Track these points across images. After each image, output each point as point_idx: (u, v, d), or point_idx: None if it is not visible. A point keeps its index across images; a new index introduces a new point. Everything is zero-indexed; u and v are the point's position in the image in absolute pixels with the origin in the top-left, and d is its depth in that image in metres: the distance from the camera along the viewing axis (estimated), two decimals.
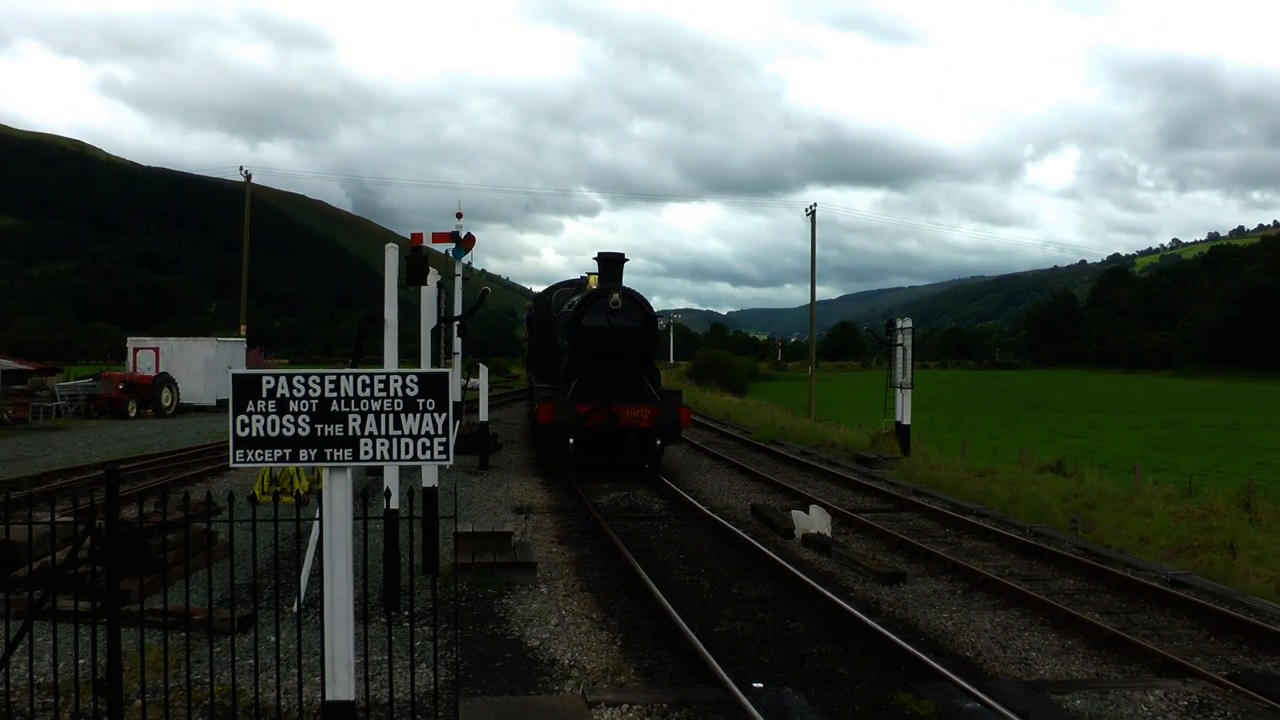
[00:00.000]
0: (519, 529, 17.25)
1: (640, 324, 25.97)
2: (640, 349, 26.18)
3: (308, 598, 11.51)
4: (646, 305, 26.44)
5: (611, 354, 25.73)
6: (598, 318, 25.58)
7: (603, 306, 25.54)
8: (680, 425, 25.95)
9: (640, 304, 26.21)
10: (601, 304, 25.61)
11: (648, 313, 26.32)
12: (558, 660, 10.58)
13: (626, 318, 25.67)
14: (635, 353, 26.06)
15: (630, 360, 25.96)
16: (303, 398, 6.88)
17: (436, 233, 17.49)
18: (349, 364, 11.82)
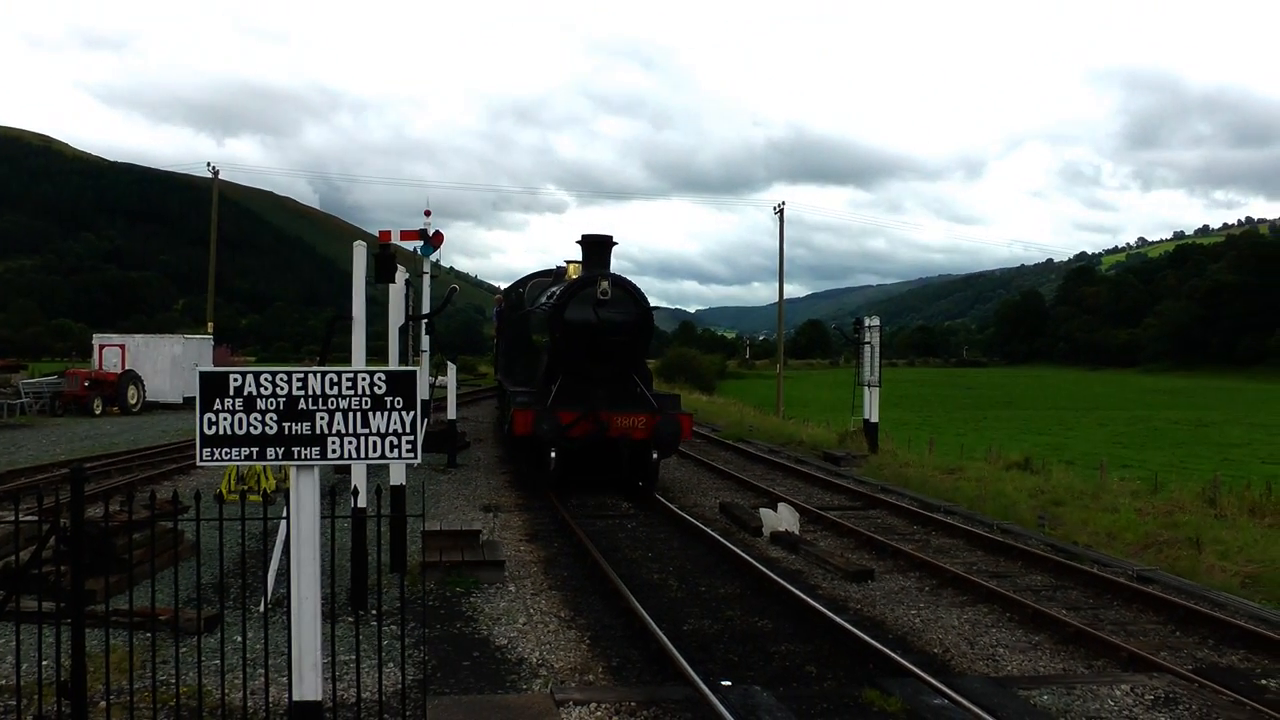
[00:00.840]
0: (487, 527, 17.22)
1: (633, 317, 22.18)
2: (633, 347, 22.35)
3: (275, 597, 11.45)
4: (640, 296, 22.55)
5: (599, 353, 21.93)
6: (583, 310, 21.71)
7: (589, 297, 21.72)
8: (681, 436, 21.94)
9: (633, 294, 22.37)
10: (587, 294, 21.78)
11: (642, 304, 22.45)
12: (526, 659, 10.57)
13: (617, 310, 21.88)
14: (627, 351, 22.24)
15: (621, 360, 22.19)
16: (270, 396, 6.84)
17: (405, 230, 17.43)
18: (317, 362, 11.77)
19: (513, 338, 31.28)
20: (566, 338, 21.88)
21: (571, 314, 21.83)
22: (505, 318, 34.17)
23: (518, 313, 30.50)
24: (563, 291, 22.48)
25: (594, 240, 23.11)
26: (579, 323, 21.75)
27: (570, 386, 21.78)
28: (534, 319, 26.02)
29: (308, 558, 6.76)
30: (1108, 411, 68.70)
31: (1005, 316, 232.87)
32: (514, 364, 30.07)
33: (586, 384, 21.85)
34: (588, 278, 22.18)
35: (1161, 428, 53.83)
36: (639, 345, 22.57)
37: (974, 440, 40.24)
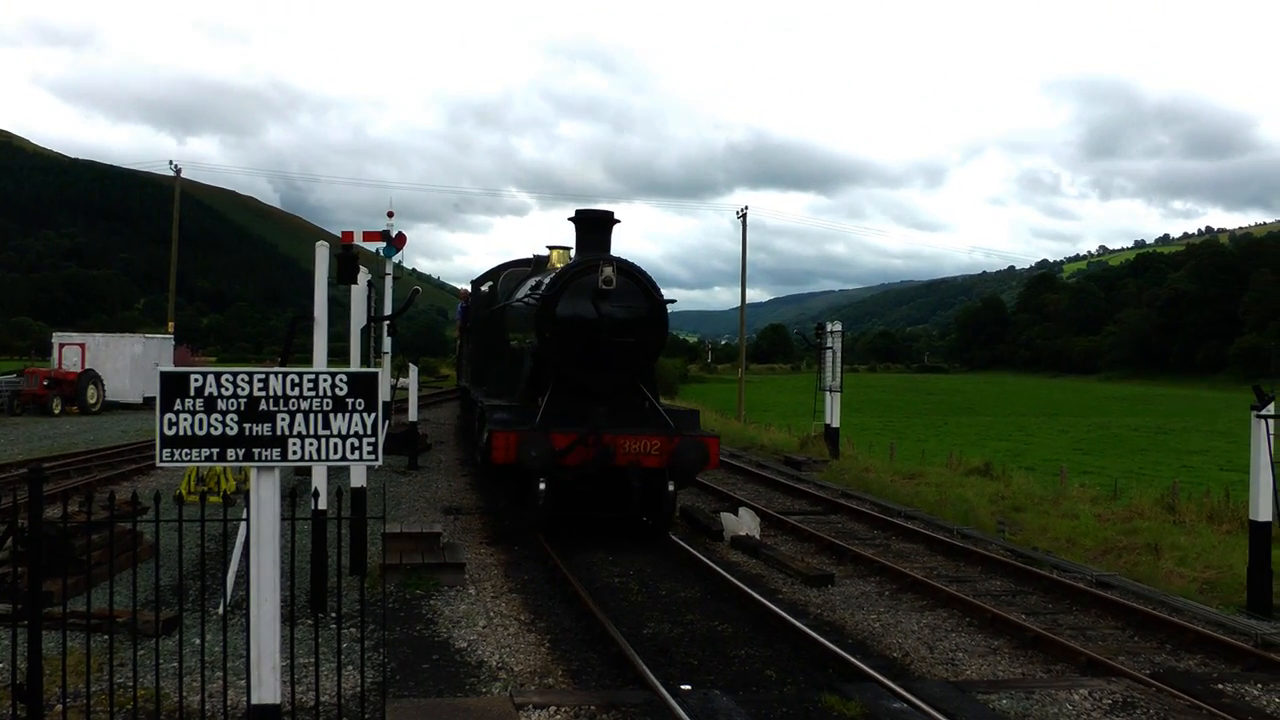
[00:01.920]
0: (448, 530, 17.19)
1: (644, 313, 17.68)
2: (643, 351, 17.86)
3: (234, 599, 11.39)
4: (652, 285, 17.97)
5: (601, 358, 17.51)
6: (580, 304, 17.38)
7: (587, 288, 17.28)
8: (709, 463, 17.29)
9: (643, 283, 17.81)
10: (585, 284, 17.34)
11: (654, 296, 17.90)
12: (486, 662, 10.55)
13: (624, 304, 17.43)
14: (636, 356, 17.75)
15: (628, 367, 17.75)
16: (231, 396, 6.81)
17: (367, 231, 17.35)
18: (278, 362, 11.72)
19: (483, 339, 26.50)
20: (559, 339, 17.48)
21: (565, 309, 17.49)
22: (472, 315, 29.24)
23: (489, 309, 25.84)
24: (553, 280, 17.84)
25: (591, 217, 18.60)
26: (575, 320, 17.44)
27: (563, 400, 17.52)
28: (512, 316, 21.76)
29: (267, 560, 6.73)
30: (1068, 418, 69.17)
31: (967, 323, 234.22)
32: (484, 370, 25.62)
33: (583, 398, 17.46)
34: (585, 263, 17.68)
35: (1121, 434, 54.24)
36: (650, 348, 18.07)
37: (935, 446, 40.43)
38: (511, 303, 21.95)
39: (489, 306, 25.93)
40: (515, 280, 23.77)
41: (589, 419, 16.70)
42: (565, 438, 16.45)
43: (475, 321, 28.39)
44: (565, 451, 16.40)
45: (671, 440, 16.83)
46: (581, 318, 17.39)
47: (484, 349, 26.03)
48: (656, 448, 16.78)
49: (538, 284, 18.81)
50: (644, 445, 16.79)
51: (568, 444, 16.42)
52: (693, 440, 16.99)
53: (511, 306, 21.87)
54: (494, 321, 24.49)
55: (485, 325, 26.02)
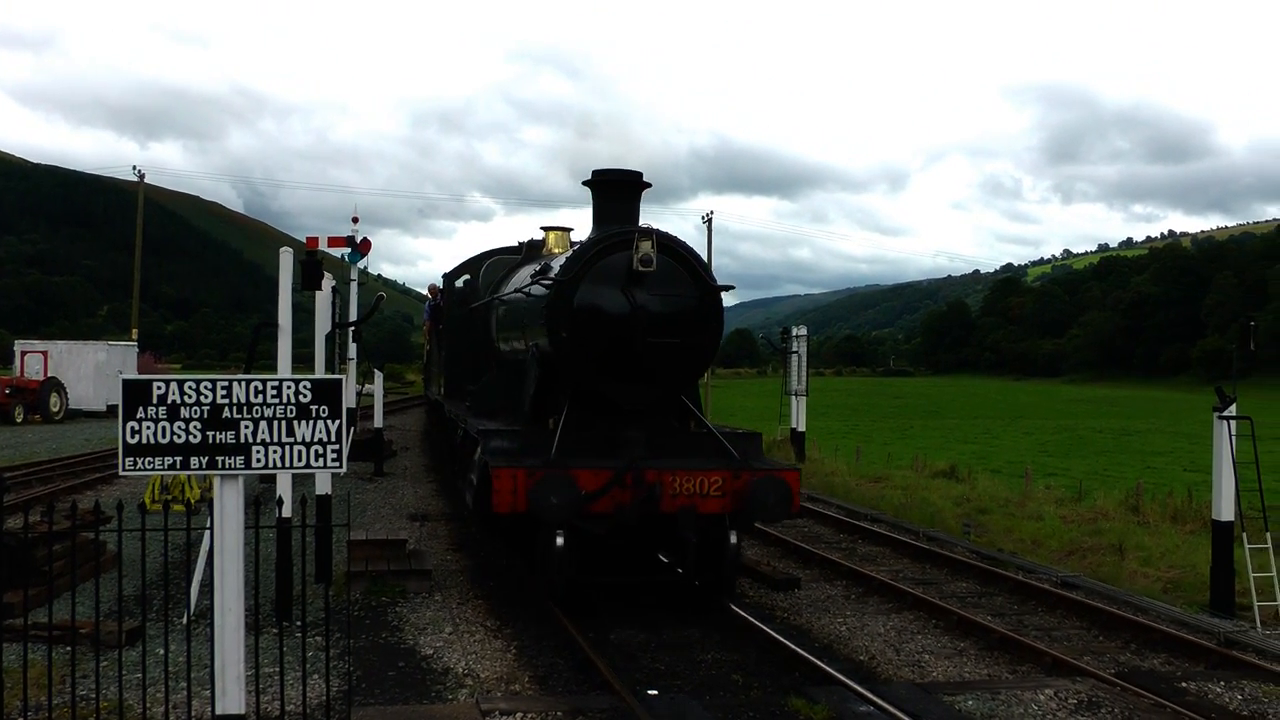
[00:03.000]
0: (414, 536, 17.12)
1: (694, 304, 13.27)
2: (693, 356, 13.42)
3: (198, 609, 11.32)
4: (703, 266, 13.63)
5: (635, 365, 13.03)
6: (607, 293, 12.98)
7: (616, 270, 12.94)
8: (792, 507, 12.60)
9: (692, 263, 13.42)
10: (614, 265, 12.98)
11: (706, 281, 13.46)
12: (451, 668, 10.53)
13: (667, 291, 13.12)
14: (683, 363, 13.35)
15: (672, 378, 13.36)
16: (194, 404, 6.80)
17: (332, 237, 17.31)
18: (243, 369, 11.66)
19: (460, 343, 21.60)
20: (579, 340, 12.95)
21: (587, 298, 12.95)
22: (446, 316, 23.53)
23: (468, 307, 20.91)
24: (570, 262, 13.30)
25: (614, 179, 13.77)
26: (600, 314, 12.95)
27: (583, 422, 13.11)
28: (504, 313, 17.15)
29: (231, 568, 6.70)
30: (1033, 420, 69.52)
31: (932, 327, 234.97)
32: (461, 380, 20.61)
33: (610, 418, 13.17)
34: (613, 237, 13.11)
35: (1086, 436, 54.56)
36: (701, 353, 13.50)
37: (900, 449, 40.56)
38: (502, 296, 17.61)
39: (468, 304, 20.96)
40: (502, 270, 19.44)
41: (620, 447, 12.66)
42: (596, 476, 11.90)
43: (450, 323, 22.46)
44: (597, 495, 11.84)
45: (738, 476, 12.33)
46: (609, 311, 12.93)
47: (462, 355, 21.25)
48: (718, 486, 12.29)
49: (543, 268, 14.32)
50: (701, 483, 12.28)
51: (600, 485, 11.85)
52: (771, 477, 12.36)
53: (502, 301, 17.42)
54: (476, 321, 19.92)
55: (464, 327, 21.02)
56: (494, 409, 15.50)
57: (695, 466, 12.43)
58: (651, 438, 12.94)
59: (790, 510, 12.56)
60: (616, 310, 12.92)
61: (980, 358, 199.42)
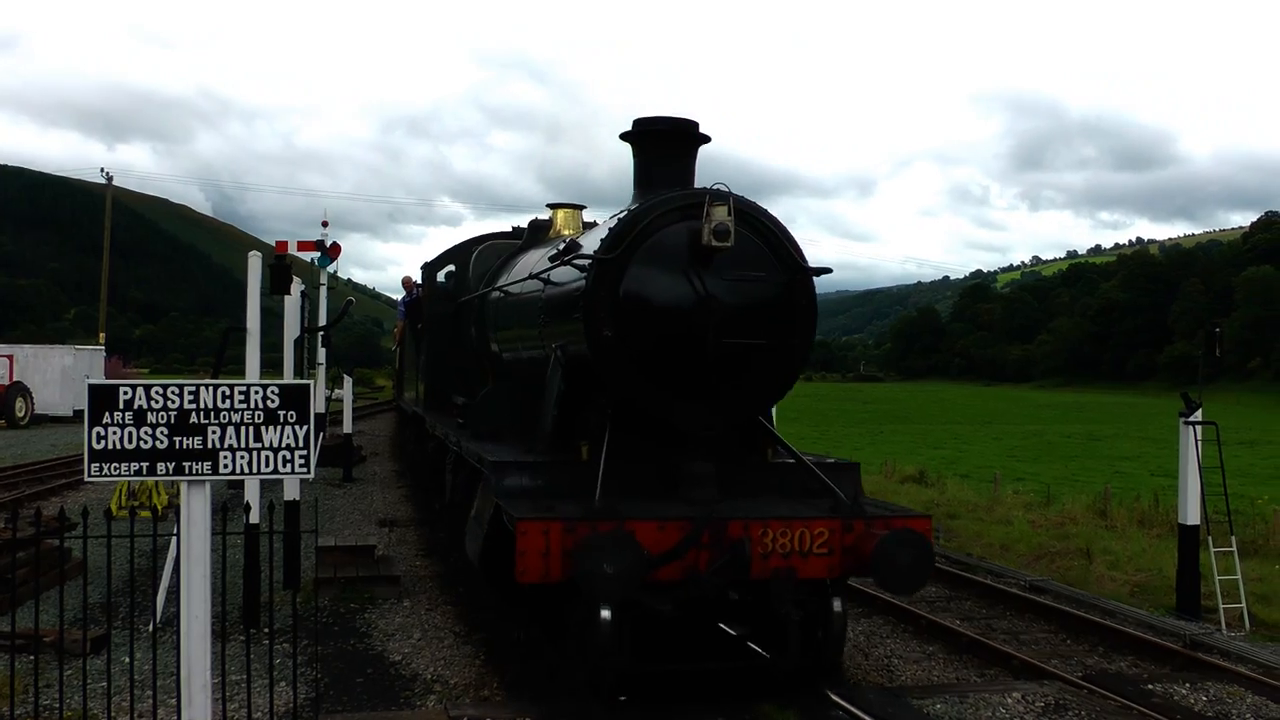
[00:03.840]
0: (383, 542, 17.05)
1: (781, 291, 10.02)
2: (780, 363, 10.10)
3: (164, 616, 11.24)
4: (790, 240, 10.15)
5: (704, 376, 9.73)
6: (664, 277, 9.67)
7: (676, 248, 9.67)
8: (930, 568, 9.38)
9: (774, 235, 10.07)
10: (671, 241, 9.68)
11: (795, 260, 10.09)
12: (420, 674, 10.50)
13: (744, 275, 9.86)
14: (767, 372, 10.07)
15: (752, 393, 10.09)
16: (161, 409, 6.75)
17: (302, 241, 17.31)
18: (211, 374, 11.60)
19: (444, 345, 17.99)
20: (627, 342, 9.53)
21: (640, 284, 9.57)
22: (425, 312, 19.33)
23: (454, 301, 17.70)
24: (615, 235, 9.67)
25: (664, 130, 10.49)
26: (659, 305, 9.62)
27: (632, 451, 9.73)
28: (506, 308, 13.62)
29: (198, 575, 6.65)
30: (1002, 426, 69.87)
31: (902, 332, 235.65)
32: (445, 388, 17.22)
33: (667, 446, 9.81)
34: (674, 200, 9.74)
35: (1055, 441, 54.84)
36: (790, 358, 10.13)
37: (870, 454, 40.67)
38: (503, 287, 13.97)
39: (455, 298, 17.60)
40: (498, 256, 16.16)
41: (683, 487, 9.43)
42: (661, 531, 8.58)
43: (431, 321, 18.59)
44: (665, 559, 8.53)
45: (849, 527, 9.05)
46: (669, 302, 9.51)
47: (447, 359, 17.70)
48: (823, 540, 9.00)
49: (567, 247, 10.87)
50: (802, 538, 8.96)
51: (669, 544, 8.56)
52: (906, 531, 8.99)
53: (504, 293, 13.82)
54: (465, 319, 16.66)
55: (449, 325, 17.54)
56: (497, 429, 11.93)
57: (791, 514, 9.13)
58: (725, 472, 9.66)
59: (928, 575, 9.35)
60: (679, 300, 9.47)
61: (950, 363, 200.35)
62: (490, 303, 14.78)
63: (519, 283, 13.00)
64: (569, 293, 10.14)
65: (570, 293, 10.07)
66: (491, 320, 14.58)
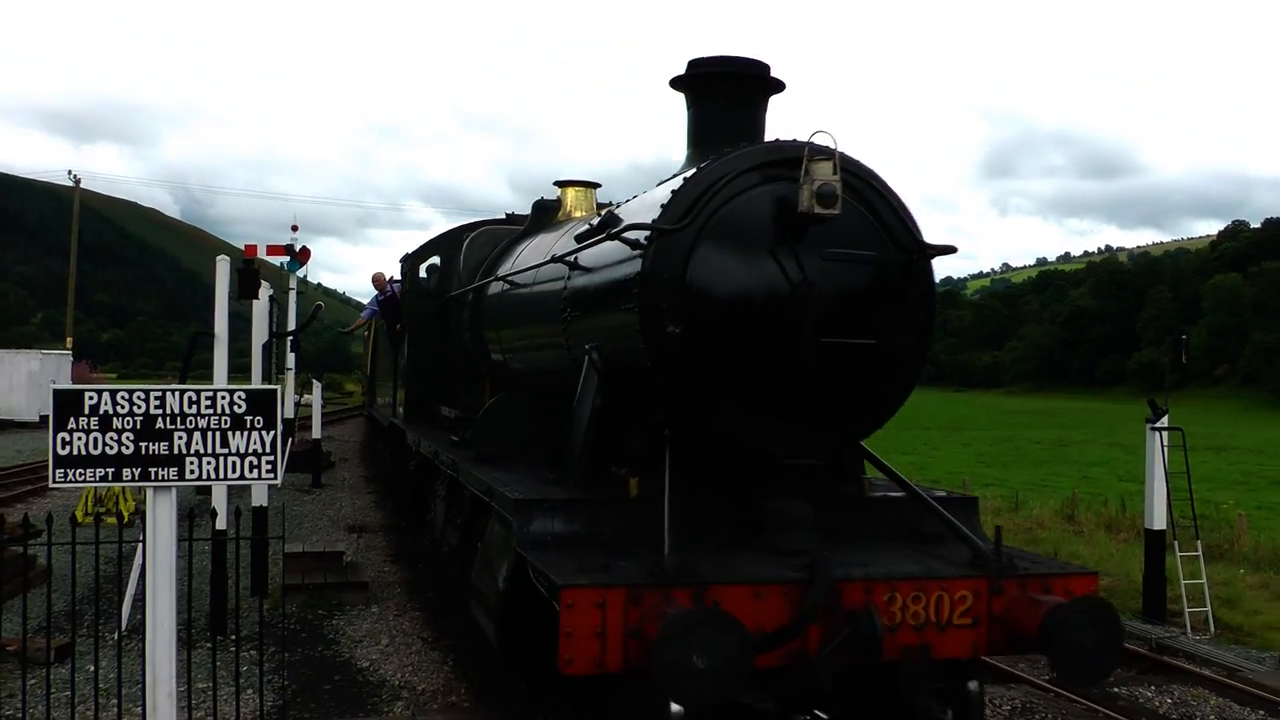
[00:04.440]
0: (351, 548, 17.00)
1: (895, 276, 7.46)
2: (897, 369, 7.69)
3: (130, 624, 11.16)
4: (903, 209, 7.57)
5: (797, 387, 7.19)
6: (743, 256, 7.06)
7: (758, 217, 7.07)
8: (1120, 647, 6.57)
9: (884, 200, 7.49)
10: (753, 207, 7.09)
11: (908, 235, 7.52)
12: (388, 681, 10.47)
13: (848, 254, 7.27)
14: (880, 381, 7.65)
15: (862, 407, 7.64)
16: (126, 414, 6.68)
17: (271, 245, 17.23)
18: (179, 379, 11.55)
19: (430, 347, 15.45)
20: (693, 340, 7.05)
21: (712, 265, 7.09)
22: (406, 310, 16.45)
23: (443, 297, 15.31)
24: (679, 200, 7.12)
25: (730, 70, 8.17)
26: (739, 294, 7.14)
27: (689, 483, 7.21)
28: (513, 303, 11.25)
29: (164, 582, 6.60)
30: (972, 432, 70.17)
31: None
32: (430, 398, 15.04)
33: (732, 479, 7.62)
34: (759, 154, 7.34)
35: (1024, 447, 55.11)
36: (907, 362, 7.84)
37: None
38: (509, 278, 11.41)
39: (444, 293, 15.30)
40: (495, 244, 14.01)
41: (771, 533, 7.15)
42: (759, 600, 6.30)
43: (414, 320, 15.97)
44: (775, 641, 6.24)
45: (998, 589, 6.77)
46: (752, 290, 7.19)
47: (432, 364, 15.31)
48: (965, 608, 6.73)
49: (605, 220, 7.97)
50: (937, 605, 6.71)
51: (777, 619, 6.30)
52: (1089, 601, 6.63)
53: (512, 285, 11.30)
54: (454, 318, 14.56)
55: (435, 325, 15.28)
56: (507, 451, 9.77)
57: (924, 572, 6.75)
58: (821, 509, 7.33)
59: (1118, 661, 6.95)
60: (767, 286, 7.08)
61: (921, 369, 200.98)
62: (489, 298, 12.44)
63: (529, 270, 10.58)
64: (612, 279, 7.70)
65: (615, 279, 7.64)
66: (491, 318, 12.24)
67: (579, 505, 7.19)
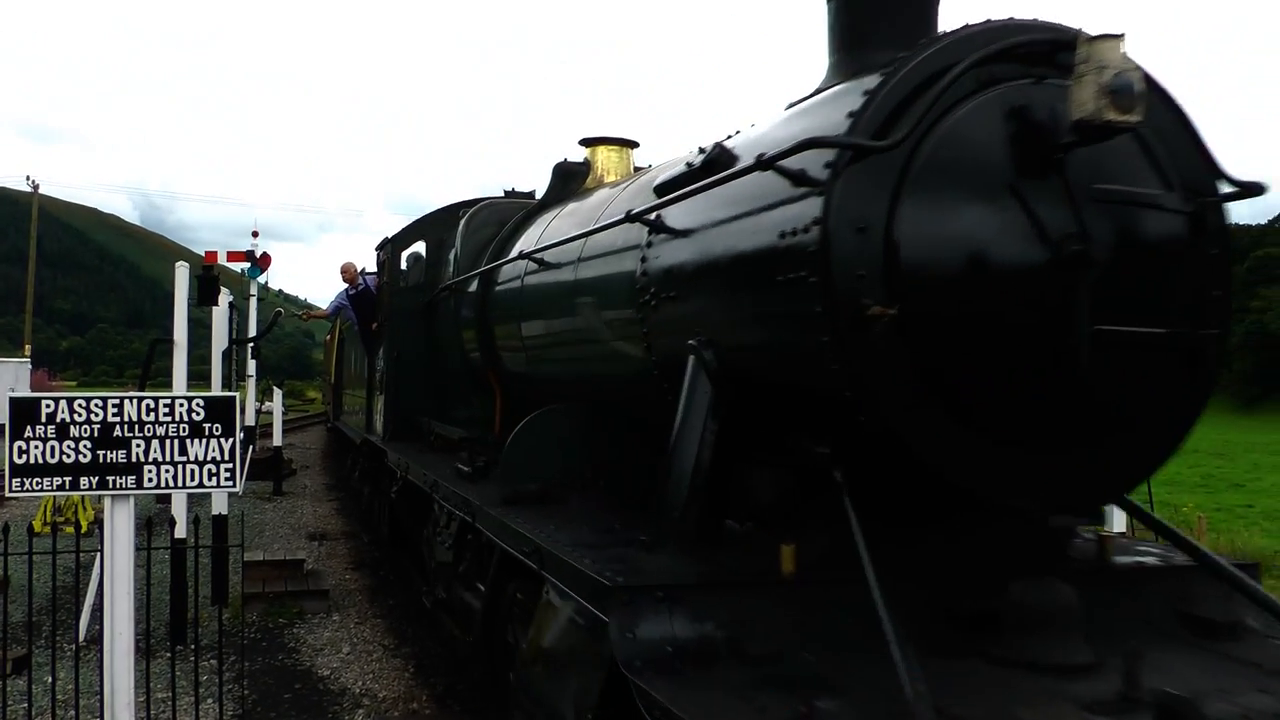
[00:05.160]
0: (312, 556, 16.90)
1: (1184, 229, 4.72)
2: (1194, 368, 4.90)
3: (89, 634, 11.07)
4: (1193, 133, 4.88)
5: (1059, 399, 4.51)
6: (976, 205, 4.41)
7: (991, 147, 4.47)
8: None
9: (1172, 121, 4.82)
10: (987, 117, 4.49)
11: (1197, 167, 4.85)
12: (349, 689, 10.40)
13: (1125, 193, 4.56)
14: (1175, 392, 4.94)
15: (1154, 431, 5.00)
16: (84, 422, 6.65)
17: (231, 251, 17.17)
18: (138, 386, 11.48)
19: (418, 350, 13.31)
20: (904, 327, 4.37)
21: (935, 212, 4.42)
22: (387, 306, 14.20)
23: (434, 289, 13.21)
24: (877, 115, 4.55)
25: None
26: (974, 255, 4.42)
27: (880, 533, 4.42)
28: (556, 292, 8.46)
29: (122, 592, 6.56)
30: None
31: None
32: (418, 410, 12.99)
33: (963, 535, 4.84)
34: (1004, 33, 4.67)
35: None
36: (1205, 358, 4.94)
37: None
38: (533, 256, 9.08)
39: (432, 286, 13.27)
40: (501, 222, 11.57)
41: (1009, 631, 4.53)
42: None
43: (396, 319, 13.68)
44: None
45: None
46: (985, 249, 4.46)
47: (421, 372, 13.11)
48: None
49: (711, 157, 5.86)
50: None
51: None
52: None
53: (542, 267, 8.97)
54: (450, 315, 12.34)
55: (424, 324, 13.32)
56: (548, 489, 7.23)
57: None
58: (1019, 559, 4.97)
59: None
60: (1012, 244, 4.52)
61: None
62: (502, 285, 10.17)
63: (573, 240, 8.01)
64: (757, 236, 5.07)
65: (761, 235, 5.02)
66: (506, 310, 9.91)
67: (713, 592, 4.66)
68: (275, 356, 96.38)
